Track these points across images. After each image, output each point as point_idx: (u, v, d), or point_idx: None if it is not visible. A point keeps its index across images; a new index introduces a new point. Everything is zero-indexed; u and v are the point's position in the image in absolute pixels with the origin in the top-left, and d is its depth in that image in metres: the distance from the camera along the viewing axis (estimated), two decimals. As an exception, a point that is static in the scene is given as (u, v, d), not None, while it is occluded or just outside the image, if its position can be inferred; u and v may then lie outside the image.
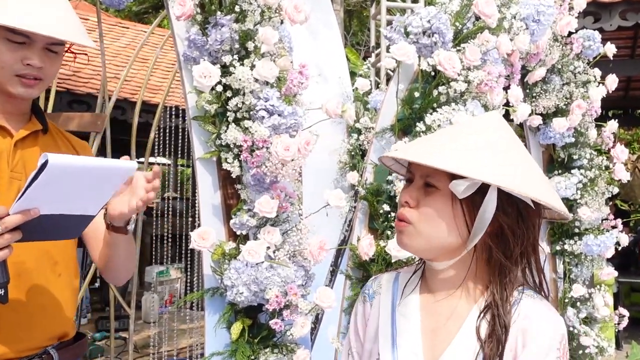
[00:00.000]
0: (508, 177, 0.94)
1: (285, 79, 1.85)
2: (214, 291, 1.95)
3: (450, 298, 1.03)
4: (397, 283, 1.13)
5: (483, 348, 0.95)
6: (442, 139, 1.04)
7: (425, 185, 0.99)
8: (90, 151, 1.50)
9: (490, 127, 1.02)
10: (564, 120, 2.76)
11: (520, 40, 2.09)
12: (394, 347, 1.03)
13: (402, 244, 1.02)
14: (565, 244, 3.09)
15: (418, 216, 0.98)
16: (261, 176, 1.80)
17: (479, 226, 0.96)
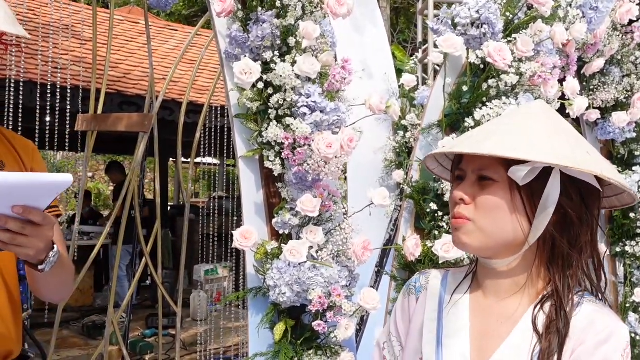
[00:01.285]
0: (570, 158, 0.88)
1: (327, 75, 1.80)
2: (257, 291, 1.93)
3: (504, 299, 0.97)
4: (445, 281, 1.08)
5: (540, 341, 0.89)
6: (490, 128, 0.99)
7: (479, 180, 0.94)
8: (33, 150, 1.37)
9: (539, 112, 0.97)
10: (625, 114, 2.60)
11: (576, 30, 1.97)
12: (439, 347, 0.99)
13: (461, 244, 0.95)
14: (626, 246, 2.92)
15: (476, 212, 0.93)
16: (303, 174, 1.77)
17: (543, 215, 0.90)
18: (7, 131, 1.35)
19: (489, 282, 0.99)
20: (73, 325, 5.33)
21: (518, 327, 0.93)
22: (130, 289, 3.31)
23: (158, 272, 3.28)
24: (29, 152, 1.34)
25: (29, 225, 1.01)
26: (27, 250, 1.05)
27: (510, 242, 0.93)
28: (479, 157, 0.92)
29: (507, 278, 0.97)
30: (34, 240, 1.03)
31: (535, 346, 0.90)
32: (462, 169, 0.97)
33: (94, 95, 3.17)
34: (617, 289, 3.06)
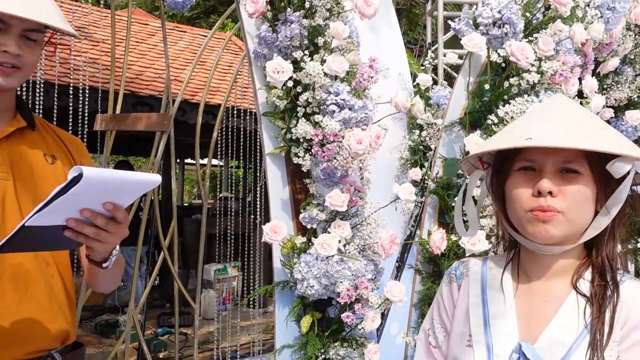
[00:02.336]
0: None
1: (354, 74, 1.85)
2: (284, 285, 1.97)
3: (547, 279, 1.01)
4: (485, 267, 1.11)
5: (591, 303, 0.94)
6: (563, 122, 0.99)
7: (562, 172, 0.96)
8: (80, 145, 1.41)
9: (582, 108, 1.03)
10: (638, 112, 2.65)
11: (594, 29, 2.02)
12: (486, 327, 1.02)
13: (547, 235, 0.96)
14: (637, 242, 2.96)
15: (566, 204, 0.95)
16: (331, 170, 1.82)
17: (616, 206, 0.95)
18: (55, 127, 1.39)
19: (535, 265, 1.03)
20: (85, 324, 5.37)
21: (564, 306, 0.97)
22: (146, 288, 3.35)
23: (175, 268, 3.32)
24: (77, 147, 1.38)
25: (112, 222, 1.04)
26: (105, 247, 1.08)
27: (579, 230, 0.97)
28: (560, 149, 0.94)
29: (557, 262, 1.01)
30: (113, 237, 1.06)
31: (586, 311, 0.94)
32: (532, 160, 0.98)
33: (112, 95, 3.21)
34: (628, 285, 3.10)
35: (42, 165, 1.27)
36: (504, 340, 0.99)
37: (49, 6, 1.21)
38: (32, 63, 1.24)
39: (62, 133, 1.39)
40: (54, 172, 1.28)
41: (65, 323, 1.28)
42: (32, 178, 1.24)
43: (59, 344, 1.28)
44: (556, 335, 0.95)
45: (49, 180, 1.26)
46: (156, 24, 6.90)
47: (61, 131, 1.40)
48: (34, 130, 1.30)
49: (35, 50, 1.24)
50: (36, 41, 1.24)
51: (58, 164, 1.30)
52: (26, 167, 1.24)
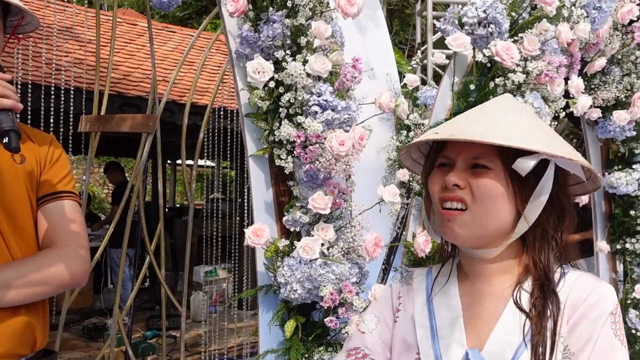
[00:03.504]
0: (567, 151, 0.92)
1: (337, 74, 1.83)
2: (268, 288, 1.94)
3: (489, 280, 0.99)
4: (430, 276, 1.09)
5: (530, 318, 0.91)
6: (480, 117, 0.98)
7: (471, 167, 0.94)
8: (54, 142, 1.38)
9: (517, 105, 1.01)
10: (625, 113, 2.64)
11: (580, 29, 2.00)
12: (434, 339, 0.99)
13: (453, 234, 0.94)
14: (626, 243, 2.96)
15: (472, 198, 0.92)
16: (314, 172, 1.79)
17: (536, 203, 0.92)
18: (26, 127, 1.36)
19: (476, 269, 1.00)
20: (73, 328, 5.32)
21: (508, 308, 0.95)
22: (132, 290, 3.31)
23: (162, 271, 3.29)
24: (47, 143, 1.35)
25: None
26: None
27: (499, 231, 0.94)
28: (473, 145, 0.92)
29: (494, 263, 0.98)
30: None
31: (525, 323, 0.91)
32: (447, 157, 0.97)
33: (97, 96, 3.17)
34: (617, 286, 3.09)
35: (11, 165, 1.24)
36: (454, 350, 0.97)
37: None
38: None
39: (32, 132, 1.36)
40: (23, 172, 1.25)
41: (33, 326, 1.24)
42: (1, 180, 1.21)
43: (28, 351, 1.24)
44: (502, 338, 0.93)
45: (20, 180, 1.24)
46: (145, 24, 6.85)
47: (31, 130, 1.37)
48: None
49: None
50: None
51: (27, 164, 1.27)
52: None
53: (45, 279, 1.21)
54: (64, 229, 1.26)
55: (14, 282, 1.17)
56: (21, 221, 1.23)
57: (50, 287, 1.23)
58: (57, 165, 1.33)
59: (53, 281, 1.22)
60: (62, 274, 1.23)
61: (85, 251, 1.29)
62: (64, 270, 1.23)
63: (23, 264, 1.20)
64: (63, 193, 1.30)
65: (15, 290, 1.17)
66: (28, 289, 1.19)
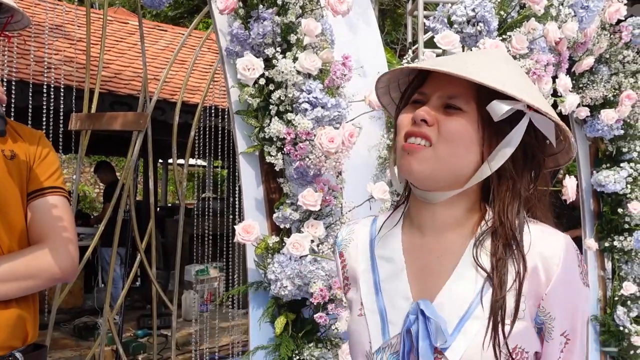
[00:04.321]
0: (546, 105, 0.89)
1: (327, 72, 1.83)
2: (258, 285, 1.95)
3: (440, 232, 0.93)
4: (374, 226, 1.03)
5: (490, 277, 0.86)
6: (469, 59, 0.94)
7: (444, 107, 0.89)
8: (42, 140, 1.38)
9: (509, 58, 0.97)
10: (613, 111, 2.67)
11: (568, 28, 2.02)
12: (378, 294, 0.95)
13: (409, 170, 0.88)
14: (614, 241, 2.99)
15: (438, 136, 0.87)
16: (304, 169, 1.80)
17: (502, 152, 0.88)
18: (15, 123, 1.37)
19: (425, 218, 0.95)
20: (64, 327, 5.30)
21: (462, 262, 0.90)
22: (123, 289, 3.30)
23: (152, 270, 3.28)
24: (35, 139, 1.36)
25: None
26: None
27: (458, 175, 0.90)
28: (449, 84, 0.88)
29: (444, 212, 0.93)
30: None
31: (482, 283, 0.87)
32: (423, 93, 0.92)
33: (87, 94, 3.16)
34: (605, 283, 3.12)
35: (2, 161, 1.24)
36: (398, 304, 0.92)
37: None
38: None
39: (21, 129, 1.37)
40: (13, 168, 1.26)
41: (24, 319, 1.25)
42: None
43: (19, 343, 1.25)
44: (456, 291, 0.89)
45: (10, 176, 1.25)
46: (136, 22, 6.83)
47: (20, 127, 1.38)
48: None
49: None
50: None
51: (17, 160, 1.27)
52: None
53: (36, 273, 1.22)
54: (53, 224, 1.27)
55: (5, 275, 1.18)
56: (12, 216, 1.24)
57: (40, 281, 1.24)
58: (46, 161, 1.33)
59: (43, 275, 1.23)
60: (52, 268, 1.24)
61: (73, 246, 1.30)
62: (53, 264, 1.24)
63: (14, 258, 1.21)
64: (52, 188, 1.31)
65: (7, 284, 1.18)
66: (19, 282, 1.20)
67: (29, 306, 1.27)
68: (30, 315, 1.27)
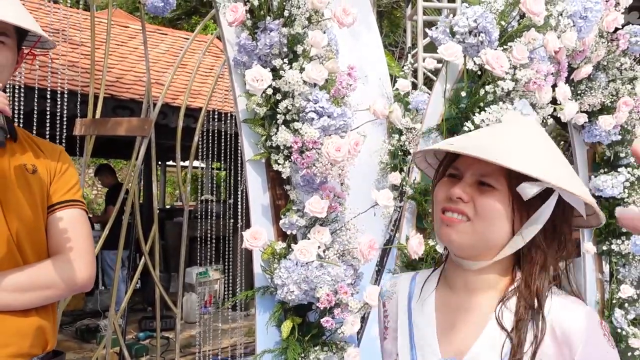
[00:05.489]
0: (573, 185, 0.95)
1: (333, 81, 1.88)
2: (265, 290, 1.99)
3: (471, 293, 1.01)
4: (414, 282, 1.11)
5: (510, 337, 0.93)
6: (495, 134, 1.04)
7: (478, 184, 0.97)
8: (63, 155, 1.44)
9: (534, 129, 1.04)
10: (610, 117, 2.72)
11: (567, 38, 2.07)
12: (412, 349, 1.02)
13: (449, 240, 0.97)
14: (612, 244, 3.03)
15: (475, 213, 0.95)
16: (311, 177, 1.84)
17: (533, 227, 0.96)
18: (36, 138, 1.42)
19: (458, 280, 1.02)
20: (66, 329, 5.33)
21: (488, 325, 0.97)
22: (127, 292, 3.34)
23: (156, 272, 3.32)
24: (57, 156, 1.41)
25: None
26: None
27: (494, 247, 0.97)
28: (482, 162, 0.95)
29: (477, 277, 1.00)
30: None
31: (505, 342, 0.93)
32: (457, 168, 1.00)
33: (92, 99, 3.20)
34: (603, 286, 3.17)
35: (24, 175, 1.29)
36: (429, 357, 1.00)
37: (12, 6, 1.23)
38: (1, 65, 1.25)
39: (42, 143, 1.42)
40: (35, 181, 1.30)
41: (44, 327, 1.30)
42: (15, 189, 1.27)
43: (39, 350, 1.29)
44: (483, 353, 0.96)
45: (32, 189, 1.29)
46: (137, 26, 6.86)
47: (42, 142, 1.44)
48: (16, 142, 1.33)
49: (3, 53, 1.24)
50: (4, 44, 1.25)
51: (38, 175, 1.32)
52: (9, 178, 1.27)
53: (55, 282, 1.27)
54: (72, 236, 1.32)
55: (26, 285, 1.22)
56: (35, 229, 1.28)
57: (59, 291, 1.28)
58: (66, 175, 1.38)
59: (62, 285, 1.28)
60: (71, 277, 1.28)
61: (91, 256, 1.35)
62: (72, 274, 1.28)
63: (34, 268, 1.25)
64: (71, 202, 1.36)
65: (28, 294, 1.23)
66: (39, 292, 1.25)
67: (48, 315, 1.31)
68: (50, 324, 1.31)
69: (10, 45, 1.27)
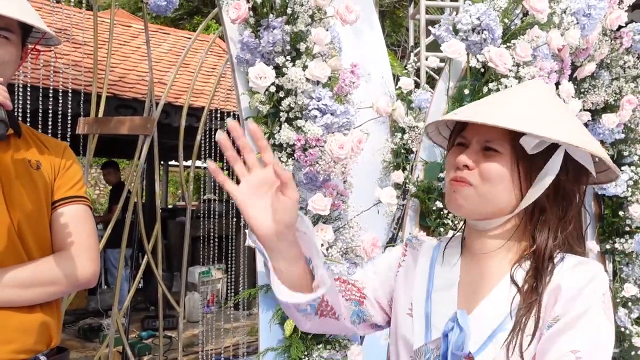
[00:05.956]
0: (579, 139, 0.96)
1: (336, 79, 1.88)
2: (268, 288, 1.99)
3: (489, 256, 1.04)
4: (438, 247, 1.15)
5: (520, 292, 0.97)
6: (500, 100, 1.06)
7: (483, 150, 1.00)
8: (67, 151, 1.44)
9: (543, 91, 1.06)
10: (614, 116, 2.71)
11: (571, 35, 2.06)
12: (427, 300, 1.06)
13: (456, 205, 1.01)
14: (615, 243, 3.03)
15: (479, 179, 0.99)
16: (314, 174, 1.84)
17: (538, 186, 0.98)
18: (40, 134, 1.42)
19: (477, 241, 1.06)
20: (69, 329, 5.33)
21: (500, 285, 1.01)
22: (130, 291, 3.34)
23: (159, 271, 3.32)
24: (62, 152, 1.41)
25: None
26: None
27: (502, 208, 1.00)
28: (486, 128, 0.97)
29: (493, 237, 1.03)
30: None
31: (515, 298, 0.97)
32: (465, 137, 1.03)
33: (94, 98, 3.20)
34: (606, 285, 3.16)
35: (28, 171, 1.29)
36: (442, 310, 1.03)
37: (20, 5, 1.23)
38: (4, 61, 1.24)
39: (47, 140, 1.42)
40: (39, 177, 1.30)
41: (49, 324, 1.30)
42: (19, 184, 1.27)
43: (44, 347, 1.30)
44: (488, 312, 0.99)
45: (36, 185, 1.29)
46: (139, 25, 6.87)
47: (46, 138, 1.43)
48: (20, 138, 1.33)
49: (6, 48, 1.24)
50: (8, 39, 1.24)
51: (42, 171, 1.32)
52: (13, 173, 1.27)
53: (59, 279, 1.27)
54: (75, 232, 1.32)
55: (30, 281, 1.22)
56: (38, 224, 1.28)
57: (63, 287, 1.28)
58: (70, 171, 1.38)
59: (66, 281, 1.28)
60: (75, 274, 1.28)
61: (95, 253, 1.35)
62: (76, 270, 1.28)
63: (38, 264, 1.26)
64: (75, 198, 1.36)
65: (31, 290, 1.23)
66: (43, 288, 1.25)
67: (52, 311, 1.31)
68: (54, 320, 1.31)
69: (14, 41, 1.26)
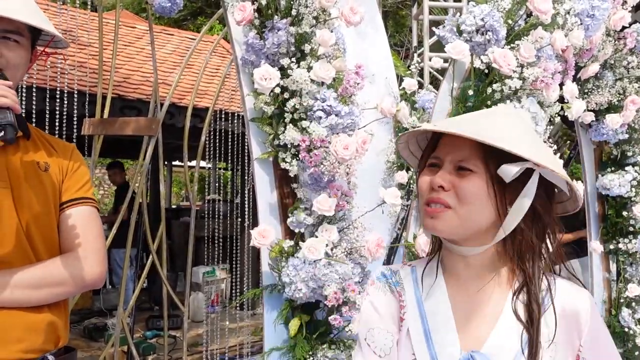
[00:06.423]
0: (554, 163, 0.97)
1: (340, 80, 1.89)
2: (272, 288, 2.00)
3: (482, 283, 1.02)
4: (414, 274, 1.10)
5: (527, 330, 0.96)
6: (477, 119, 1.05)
7: (456, 170, 0.98)
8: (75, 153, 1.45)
9: (513, 113, 1.06)
10: (618, 116, 2.71)
11: (574, 36, 2.07)
12: (429, 342, 1.02)
13: (435, 230, 0.99)
14: (619, 243, 3.03)
15: (456, 200, 0.97)
16: (318, 175, 1.85)
17: (518, 209, 0.97)
18: (49, 136, 1.44)
19: (462, 270, 1.03)
20: (74, 328, 5.36)
21: (505, 313, 1.00)
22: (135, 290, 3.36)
23: (163, 271, 3.34)
24: (70, 154, 1.42)
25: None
26: None
27: (480, 230, 0.98)
28: (459, 148, 0.97)
29: (478, 263, 1.02)
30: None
31: (523, 332, 0.97)
32: (437, 157, 1.01)
33: (100, 99, 3.22)
34: (610, 285, 3.16)
35: (36, 173, 1.31)
36: (448, 350, 1.01)
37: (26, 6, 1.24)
38: (15, 64, 1.26)
39: (55, 142, 1.44)
40: (47, 179, 1.32)
41: (56, 324, 1.32)
42: (28, 186, 1.29)
43: (52, 346, 1.31)
44: (502, 341, 0.98)
45: (44, 186, 1.31)
46: (143, 26, 6.90)
47: (54, 140, 1.45)
48: (29, 140, 1.35)
49: (17, 51, 1.25)
50: (18, 43, 1.26)
51: (50, 172, 1.34)
52: (22, 175, 1.28)
53: (67, 279, 1.28)
54: (83, 233, 1.33)
55: (38, 282, 1.24)
56: (46, 225, 1.30)
57: (70, 288, 1.30)
58: (77, 173, 1.40)
59: (73, 282, 1.30)
60: (82, 274, 1.30)
61: (102, 253, 1.36)
62: (83, 271, 1.30)
63: (46, 265, 1.27)
64: (83, 199, 1.38)
65: (40, 290, 1.24)
66: (51, 288, 1.27)
67: (60, 311, 1.33)
68: (62, 320, 1.33)
69: (24, 45, 1.28)
